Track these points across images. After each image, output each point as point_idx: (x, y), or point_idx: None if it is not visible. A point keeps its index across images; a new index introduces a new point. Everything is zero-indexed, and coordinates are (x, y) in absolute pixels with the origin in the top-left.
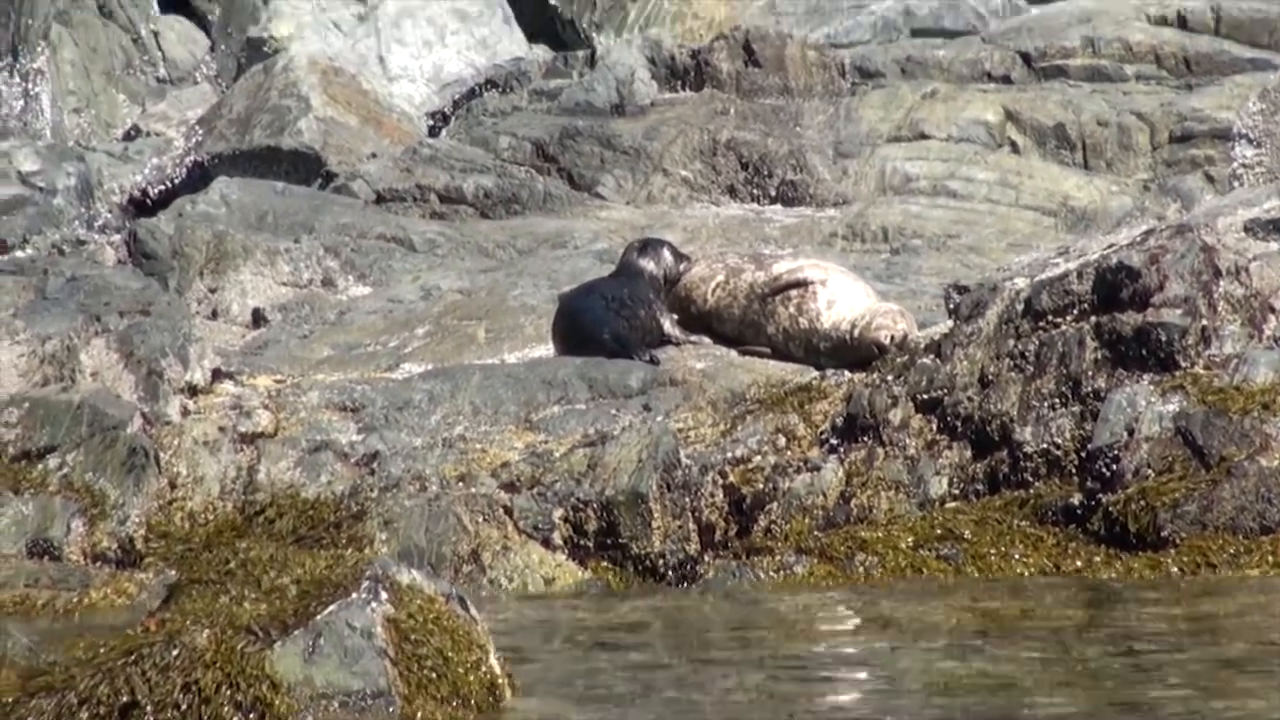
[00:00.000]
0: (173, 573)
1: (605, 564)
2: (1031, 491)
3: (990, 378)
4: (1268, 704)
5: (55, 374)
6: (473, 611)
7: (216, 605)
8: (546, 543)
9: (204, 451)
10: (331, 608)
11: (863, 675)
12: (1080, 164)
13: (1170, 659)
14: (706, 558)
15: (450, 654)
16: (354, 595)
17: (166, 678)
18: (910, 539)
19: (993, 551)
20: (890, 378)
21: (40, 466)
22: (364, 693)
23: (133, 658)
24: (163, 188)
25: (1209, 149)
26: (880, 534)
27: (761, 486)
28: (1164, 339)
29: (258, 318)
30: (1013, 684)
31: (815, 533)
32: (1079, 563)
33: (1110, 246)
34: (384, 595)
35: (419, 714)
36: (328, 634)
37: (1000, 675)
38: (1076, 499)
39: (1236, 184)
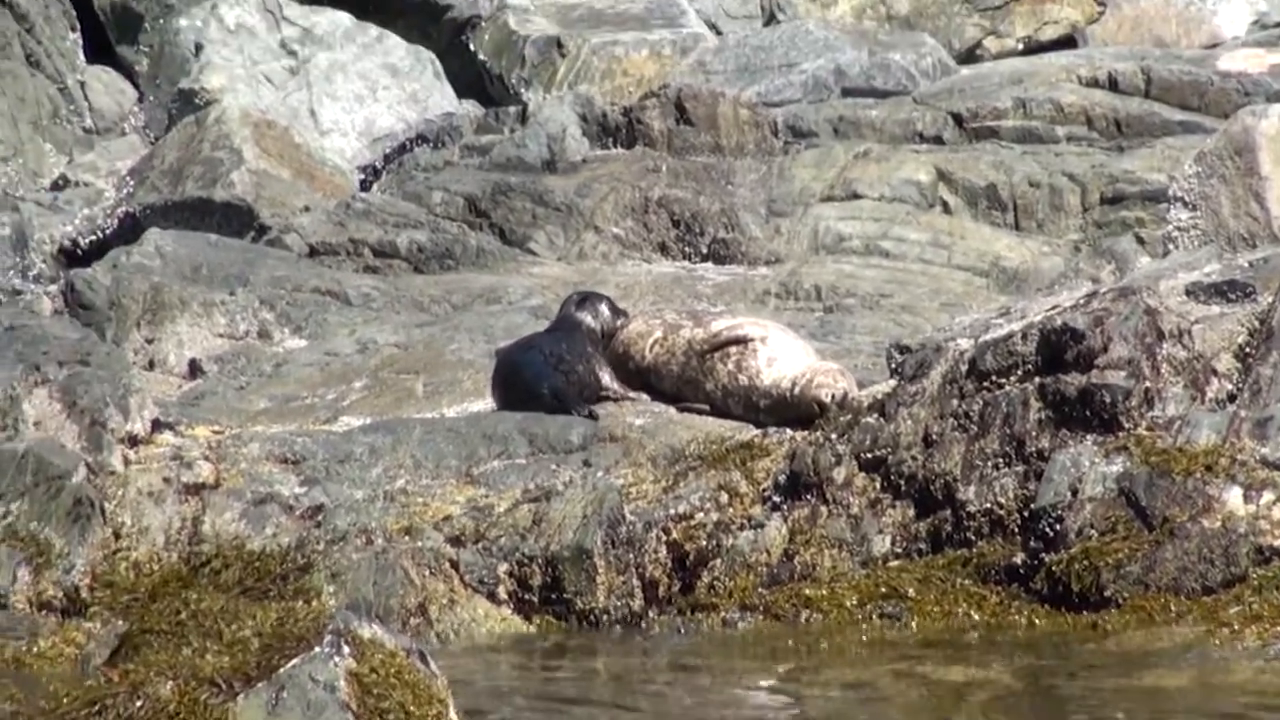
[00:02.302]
0: (121, 623)
1: (550, 619)
2: (975, 550)
3: (934, 437)
4: None
5: None
6: (433, 666)
7: (179, 657)
8: (492, 596)
9: (149, 502)
10: (295, 661)
11: None
12: (1011, 225)
13: None
14: (651, 614)
15: (412, 708)
16: (317, 649)
17: None
18: (855, 597)
19: (936, 610)
20: (834, 436)
21: None
22: None
23: (96, 708)
24: (94, 238)
25: (1140, 211)
26: (825, 591)
27: (705, 543)
28: (1108, 400)
29: (194, 369)
30: None
31: (759, 589)
32: (1023, 621)
33: (1053, 308)
34: (346, 649)
35: None
36: (291, 687)
37: None
38: (1020, 558)
39: (1172, 246)
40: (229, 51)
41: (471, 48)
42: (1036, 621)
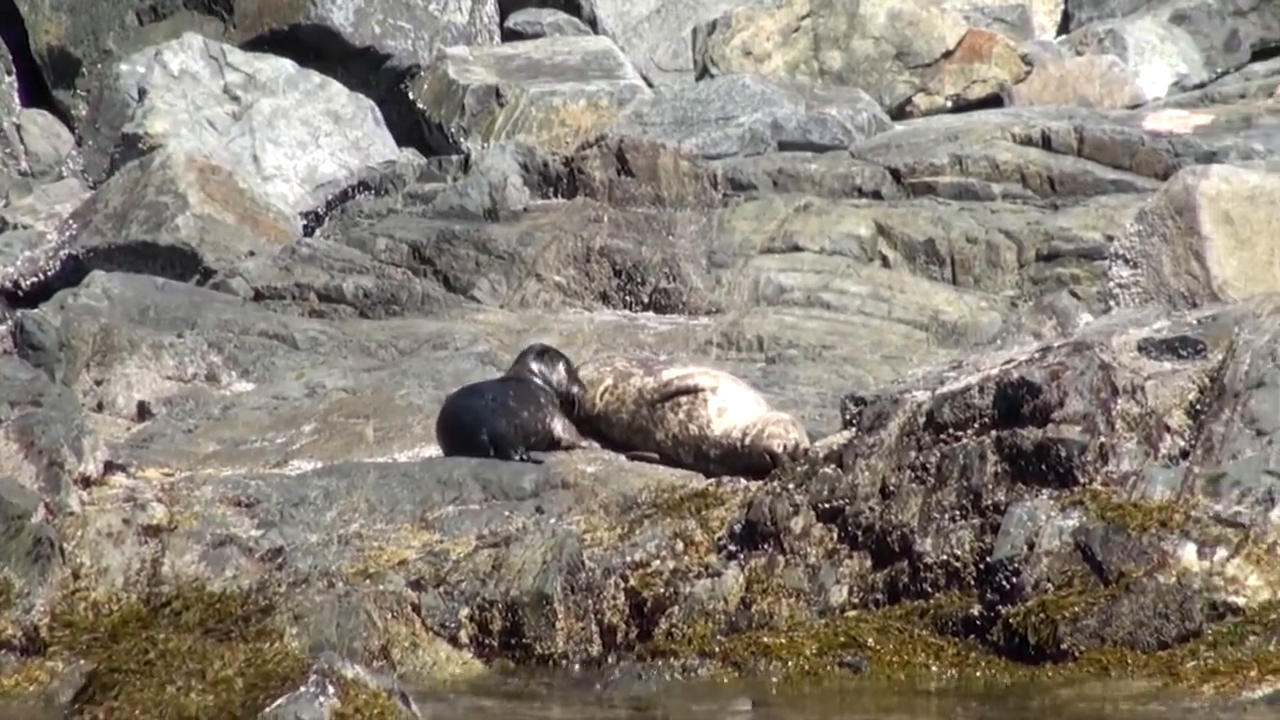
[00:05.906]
0: (83, 662)
1: (510, 663)
2: (932, 602)
3: (892, 489)
4: None
5: None
6: (414, 707)
7: (163, 695)
8: (454, 640)
9: (107, 543)
10: (280, 701)
11: None
12: (949, 279)
13: None
14: (609, 659)
15: None
16: (302, 689)
17: None
18: (814, 645)
19: (895, 660)
20: (791, 486)
21: None
22: None
23: None
24: (35, 279)
25: (1075, 268)
26: (784, 640)
27: (662, 590)
28: (1064, 454)
29: (143, 411)
30: None
31: (718, 637)
32: (979, 673)
33: (1008, 362)
34: (330, 689)
35: None
36: None
37: None
38: (976, 610)
39: (1112, 303)
40: (172, 97)
41: (411, 96)
42: (993, 674)
